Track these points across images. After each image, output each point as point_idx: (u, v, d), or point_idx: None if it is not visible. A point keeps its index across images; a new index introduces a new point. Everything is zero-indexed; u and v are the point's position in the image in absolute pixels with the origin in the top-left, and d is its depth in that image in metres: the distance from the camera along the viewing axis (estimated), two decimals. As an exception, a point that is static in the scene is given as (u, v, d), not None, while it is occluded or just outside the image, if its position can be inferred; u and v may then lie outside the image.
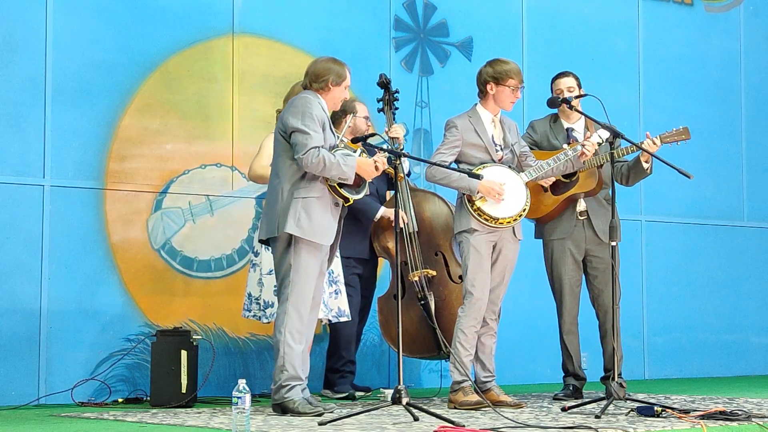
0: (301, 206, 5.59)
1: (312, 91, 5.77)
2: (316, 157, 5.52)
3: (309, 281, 5.62)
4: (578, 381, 6.79)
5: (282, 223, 5.59)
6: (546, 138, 6.75)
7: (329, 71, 5.77)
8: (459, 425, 4.93)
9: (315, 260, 5.65)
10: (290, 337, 5.58)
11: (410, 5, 8.16)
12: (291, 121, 5.63)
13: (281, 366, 5.58)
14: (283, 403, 5.58)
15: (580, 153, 6.16)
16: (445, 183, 6.08)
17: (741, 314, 9.50)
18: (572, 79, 6.78)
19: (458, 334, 6.03)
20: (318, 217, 5.61)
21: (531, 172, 6.15)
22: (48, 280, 6.64)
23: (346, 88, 5.84)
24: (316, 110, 5.64)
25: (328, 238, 5.67)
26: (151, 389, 6.38)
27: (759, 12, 9.85)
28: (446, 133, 6.16)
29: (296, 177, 5.64)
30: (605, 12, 9.03)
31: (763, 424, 5.03)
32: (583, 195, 6.64)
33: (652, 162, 6.52)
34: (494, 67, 6.15)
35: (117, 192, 6.91)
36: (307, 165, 5.54)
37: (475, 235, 6.02)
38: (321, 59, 5.88)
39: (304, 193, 5.61)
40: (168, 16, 7.15)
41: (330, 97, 5.80)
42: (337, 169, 5.55)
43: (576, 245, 6.71)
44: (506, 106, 6.19)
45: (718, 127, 9.47)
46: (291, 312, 5.59)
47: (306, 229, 5.57)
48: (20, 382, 6.51)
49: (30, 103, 6.68)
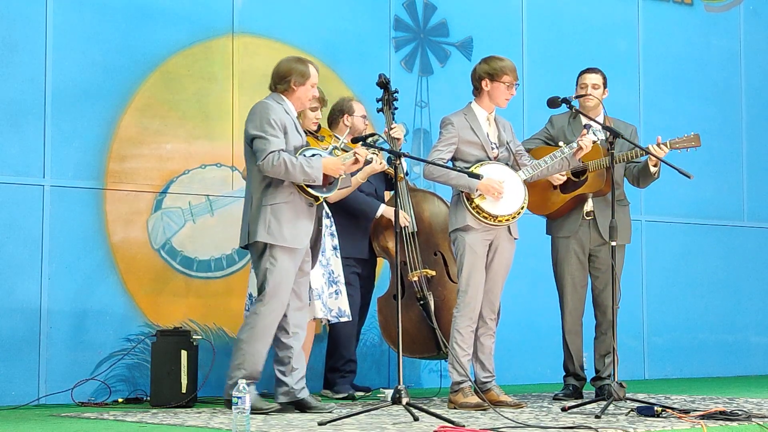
0: (271, 213, 5.64)
1: (276, 94, 5.82)
2: (276, 161, 5.54)
3: (285, 285, 5.68)
4: (578, 381, 6.79)
5: (253, 232, 5.66)
6: (563, 133, 6.72)
7: (291, 71, 5.80)
8: (459, 425, 4.93)
9: (290, 264, 5.69)
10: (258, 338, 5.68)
11: (410, 5, 8.16)
12: (250, 128, 5.70)
13: (239, 364, 5.67)
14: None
15: (576, 150, 6.16)
16: (443, 181, 6.07)
17: (741, 314, 9.50)
18: (598, 76, 6.75)
19: (454, 334, 6.03)
20: (289, 221, 5.65)
21: (528, 170, 6.14)
22: (48, 280, 6.64)
23: (312, 86, 5.85)
24: (275, 115, 5.67)
25: (302, 241, 5.71)
26: (151, 389, 6.38)
27: (759, 12, 9.85)
28: (442, 130, 6.16)
29: (263, 184, 5.69)
30: (605, 12, 9.03)
31: (763, 424, 5.03)
32: (592, 195, 6.65)
33: (660, 166, 6.52)
34: (489, 63, 6.15)
35: (117, 192, 6.91)
36: (268, 170, 5.58)
37: (471, 234, 6.02)
38: (284, 60, 5.91)
39: (271, 199, 5.66)
40: (168, 16, 7.15)
41: (295, 98, 5.83)
42: (301, 171, 5.57)
43: (580, 245, 6.71)
44: (501, 103, 6.17)
45: (718, 127, 9.46)
46: (263, 315, 5.67)
47: (277, 236, 5.62)
48: (20, 382, 6.51)
49: (30, 103, 6.68)
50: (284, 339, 5.79)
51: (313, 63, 5.90)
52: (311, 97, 5.90)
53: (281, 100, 5.79)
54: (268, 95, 5.85)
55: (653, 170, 6.54)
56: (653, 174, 6.57)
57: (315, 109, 6.41)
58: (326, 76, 7.56)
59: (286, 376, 5.78)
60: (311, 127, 6.42)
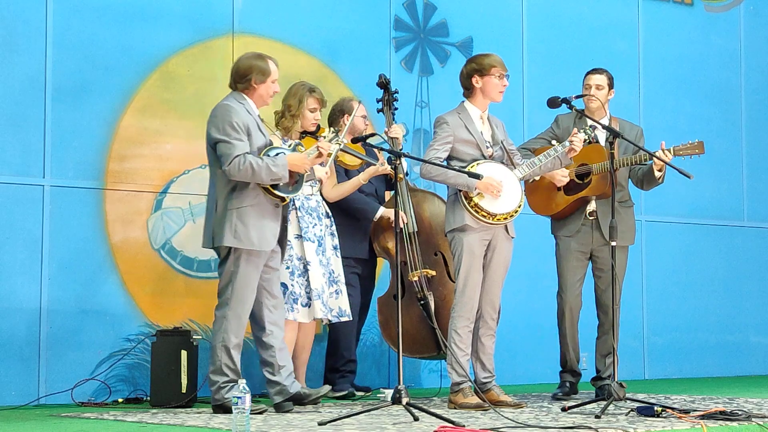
0: (236, 217, 5.65)
1: (237, 93, 5.80)
2: (242, 164, 5.55)
3: (250, 287, 5.70)
4: (574, 377, 6.80)
5: (219, 236, 5.67)
6: (568, 133, 6.71)
7: (251, 69, 5.77)
8: (459, 425, 4.93)
9: (256, 266, 5.72)
10: (229, 342, 5.69)
11: (410, 5, 8.16)
12: (212, 132, 5.69)
13: (219, 368, 5.68)
14: (223, 404, 5.67)
15: (568, 149, 6.16)
16: (441, 180, 6.06)
17: (741, 314, 9.50)
18: (602, 77, 6.76)
19: (452, 335, 6.03)
20: (255, 224, 5.66)
21: (523, 169, 6.14)
22: (48, 280, 6.63)
23: (273, 82, 5.82)
24: (236, 117, 5.66)
25: (269, 244, 5.72)
26: (151, 389, 6.38)
27: (759, 12, 9.85)
28: (437, 129, 6.14)
29: (228, 188, 5.69)
30: (605, 12, 9.03)
31: (763, 424, 5.03)
32: (595, 198, 6.65)
33: (665, 171, 6.53)
34: (475, 61, 6.16)
35: (117, 192, 6.91)
36: (234, 174, 5.58)
37: (469, 234, 6.01)
38: (243, 57, 5.88)
39: (237, 203, 5.66)
40: (168, 16, 7.15)
41: (257, 96, 5.81)
42: (267, 171, 5.57)
43: (582, 244, 6.72)
44: (496, 97, 6.15)
45: (718, 127, 9.46)
46: (231, 317, 5.70)
47: (244, 239, 5.64)
48: (20, 382, 6.51)
49: (30, 103, 6.67)
50: (265, 339, 5.81)
51: (272, 58, 5.88)
52: (272, 94, 5.86)
53: (242, 99, 5.77)
54: (228, 95, 5.83)
55: (657, 175, 6.55)
56: (657, 179, 6.59)
57: (314, 110, 6.41)
58: (326, 76, 7.57)
59: (275, 376, 5.80)
60: (310, 128, 6.42)
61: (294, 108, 6.36)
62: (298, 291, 6.22)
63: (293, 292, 6.20)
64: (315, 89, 6.42)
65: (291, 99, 6.40)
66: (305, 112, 6.35)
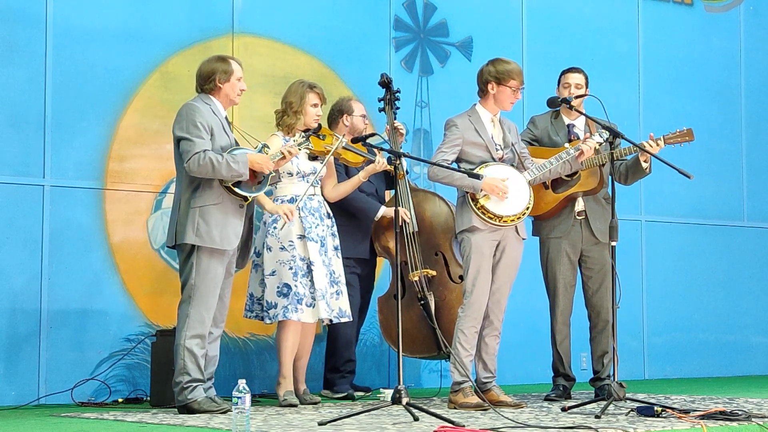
0: (199, 215, 5.70)
1: (204, 94, 5.88)
2: (202, 160, 5.61)
3: (213, 286, 5.75)
4: (568, 381, 6.78)
5: (181, 233, 5.71)
6: (547, 134, 6.72)
7: (214, 71, 5.88)
8: (459, 425, 4.93)
9: (218, 265, 5.77)
10: (191, 341, 5.72)
11: (410, 5, 8.16)
12: (176, 130, 5.78)
13: (182, 369, 5.71)
14: (187, 404, 5.71)
15: (578, 153, 6.16)
16: (447, 182, 6.07)
17: (741, 314, 9.50)
18: (581, 76, 6.75)
19: (458, 334, 6.03)
20: (218, 223, 5.71)
21: (533, 171, 6.15)
22: (48, 280, 6.64)
23: (239, 80, 5.91)
24: (200, 117, 5.73)
25: (231, 243, 5.77)
26: (151, 389, 6.39)
27: (759, 12, 9.85)
28: (446, 132, 6.16)
29: (192, 186, 5.75)
30: (605, 12, 9.04)
31: (763, 424, 5.03)
32: (583, 194, 6.62)
33: (651, 162, 6.51)
34: (496, 66, 6.14)
35: (117, 192, 6.91)
36: (194, 170, 5.65)
37: (477, 234, 6.02)
38: (205, 60, 5.98)
39: (200, 201, 5.71)
40: (168, 16, 7.15)
41: (223, 96, 5.90)
42: (227, 167, 5.63)
43: (572, 245, 6.69)
44: (506, 107, 6.19)
45: (718, 127, 9.47)
46: (193, 316, 5.74)
47: (205, 237, 5.68)
48: (20, 382, 6.51)
49: (30, 103, 6.68)
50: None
51: (234, 58, 5.99)
52: (239, 92, 5.95)
53: (209, 100, 5.87)
54: (195, 97, 5.91)
55: (644, 166, 6.51)
56: (645, 170, 6.53)
57: (316, 105, 6.40)
58: (326, 76, 7.57)
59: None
60: (313, 124, 6.41)
61: (296, 105, 6.37)
62: (302, 291, 6.21)
63: (297, 292, 6.19)
64: (315, 85, 6.44)
65: (292, 96, 6.40)
66: (307, 108, 6.36)
